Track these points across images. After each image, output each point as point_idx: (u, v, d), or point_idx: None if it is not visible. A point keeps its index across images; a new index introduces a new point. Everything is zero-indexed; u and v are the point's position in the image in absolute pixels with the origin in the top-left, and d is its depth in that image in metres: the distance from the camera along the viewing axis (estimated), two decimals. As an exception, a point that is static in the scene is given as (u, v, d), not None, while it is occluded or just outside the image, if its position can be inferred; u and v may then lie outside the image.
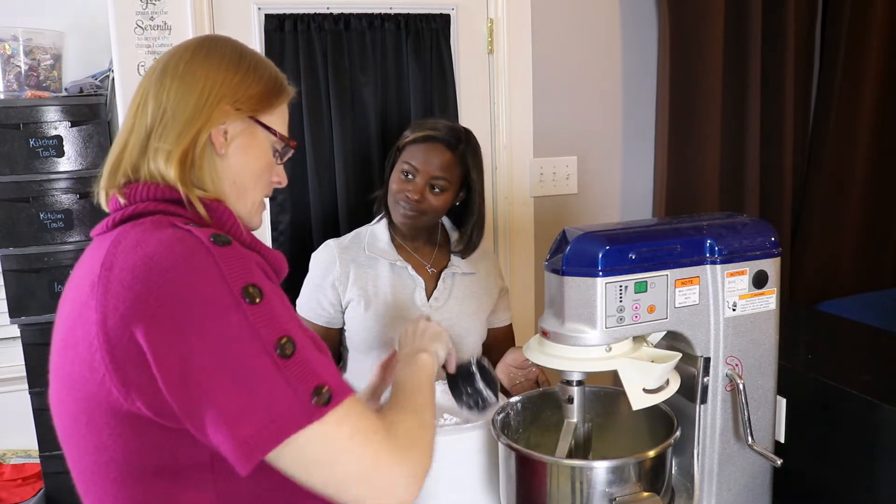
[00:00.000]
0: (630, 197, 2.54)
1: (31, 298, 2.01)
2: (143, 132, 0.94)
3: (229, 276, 0.79)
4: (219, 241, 0.82)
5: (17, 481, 2.11)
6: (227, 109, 0.95)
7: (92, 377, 0.81)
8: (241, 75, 0.97)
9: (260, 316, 0.79)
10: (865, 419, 1.16)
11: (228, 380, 0.76)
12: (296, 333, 0.81)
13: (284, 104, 1.04)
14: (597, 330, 1.08)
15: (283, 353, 0.78)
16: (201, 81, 0.94)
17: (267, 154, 1.01)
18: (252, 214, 1.02)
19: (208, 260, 0.80)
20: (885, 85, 2.74)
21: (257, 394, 0.76)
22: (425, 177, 1.62)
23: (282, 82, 1.04)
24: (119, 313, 0.79)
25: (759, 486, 1.22)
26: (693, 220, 1.19)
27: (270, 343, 0.78)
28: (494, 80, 2.29)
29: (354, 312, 1.66)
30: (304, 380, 0.78)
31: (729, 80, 2.48)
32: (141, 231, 0.85)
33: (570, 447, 1.15)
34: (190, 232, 0.83)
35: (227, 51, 0.99)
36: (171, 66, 0.96)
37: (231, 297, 0.78)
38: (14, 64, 1.95)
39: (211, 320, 0.77)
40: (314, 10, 2.03)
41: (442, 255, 1.75)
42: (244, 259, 0.83)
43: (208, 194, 0.93)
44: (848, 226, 2.79)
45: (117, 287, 0.80)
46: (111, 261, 0.83)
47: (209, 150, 0.94)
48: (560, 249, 1.11)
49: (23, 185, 1.95)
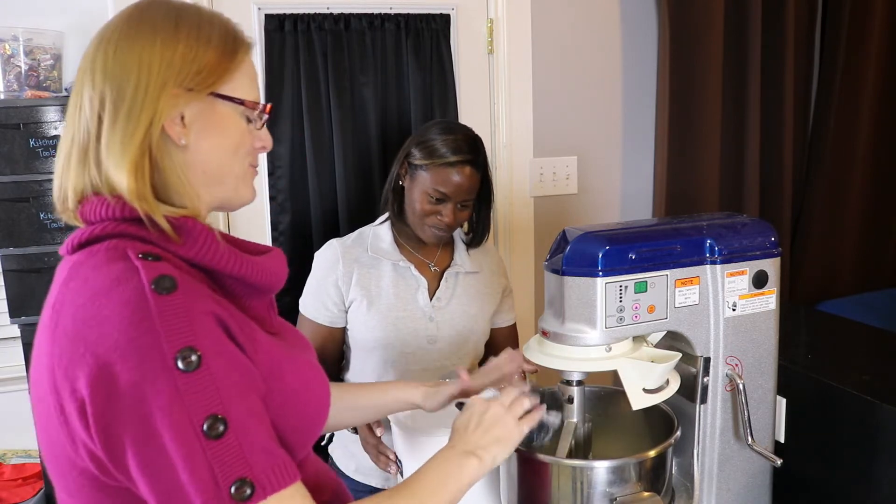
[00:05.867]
0: (630, 197, 2.54)
1: (31, 298, 2.01)
2: (83, 142, 0.81)
3: (165, 335, 0.70)
4: (161, 289, 0.72)
5: (17, 481, 2.11)
6: (177, 93, 0.80)
7: (50, 424, 0.76)
8: (183, 47, 0.81)
9: (193, 385, 0.70)
10: (865, 419, 1.16)
11: (154, 455, 0.69)
12: (237, 409, 0.72)
13: (244, 61, 0.87)
14: (597, 330, 1.08)
15: (211, 433, 0.69)
16: (135, 68, 0.79)
17: (237, 125, 0.87)
18: (237, 191, 0.89)
19: (144, 313, 0.70)
20: (885, 85, 2.74)
21: (178, 475, 0.69)
22: (457, 200, 1.62)
23: (234, 38, 0.87)
24: (63, 365, 0.72)
25: (759, 486, 1.22)
26: (693, 220, 1.19)
27: (198, 420, 0.69)
28: (494, 80, 2.29)
29: (357, 312, 1.66)
30: (228, 468, 0.70)
31: (729, 80, 2.48)
32: (92, 266, 0.76)
33: (570, 447, 1.14)
34: (136, 272, 0.73)
35: (157, 19, 0.82)
36: (99, 56, 0.81)
37: (161, 362, 0.69)
38: (14, 64, 1.95)
39: (140, 385, 0.69)
40: (314, 10, 2.04)
41: (445, 254, 1.75)
42: (187, 313, 0.72)
43: (175, 210, 0.80)
44: (848, 226, 2.79)
45: (61, 337, 0.73)
46: (61, 302, 0.76)
47: (167, 145, 0.81)
48: (560, 249, 1.11)
49: (23, 185, 1.95)
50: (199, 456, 0.69)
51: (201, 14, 0.86)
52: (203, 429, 0.69)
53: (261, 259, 0.88)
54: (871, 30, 2.65)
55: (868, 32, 2.64)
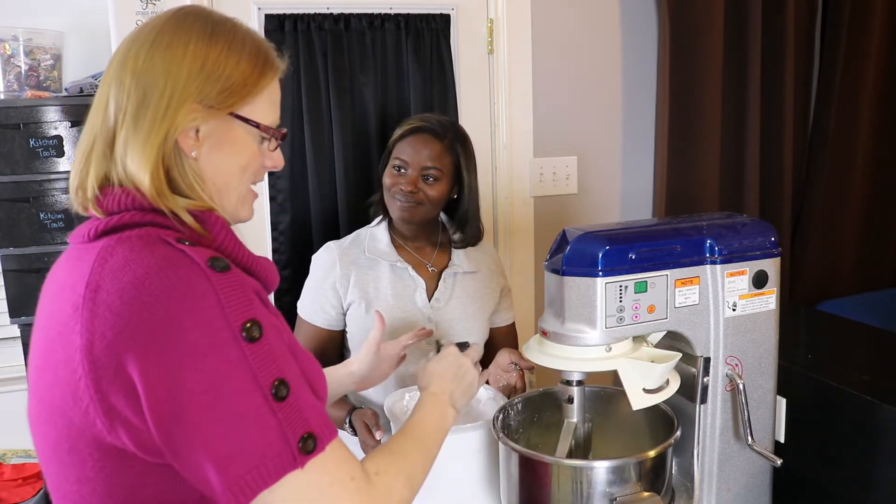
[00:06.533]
0: (630, 197, 2.54)
1: (31, 298, 2.00)
2: (107, 135, 0.85)
3: (229, 309, 0.74)
4: (217, 267, 0.76)
5: (17, 481, 2.11)
6: (196, 108, 0.83)
7: (75, 406, 0.76)
8: (211, 65, 0.84)
9: (258, 355, 0.75)
10: (865, 419, 1.16)
11: (220, 420, 0.73)
12: (291, 373, 0.78)
13: (270, 85, 0.91)
14: (597, 330, 1.08)
15: (278, 396, 0.75)
16: (162, 77, 0.83)
17: (249, 147, 0.90)
18: (238, 208, 0.93)
19: (206, 288, 0.74)
20: (884, 85, 2.74)
21: (249, 436, 0.73)
22: (417, 168, 1.63)
23: (265, 61, 0.90)
24: (107, 341, 0.73)
25: (759, 486, 1.22)
26: (693, 220, 1.19)
27: (267, 385, 0.74)
28: (494, 80, 2.29)
29: (356, 314, 1.66)
30: (294, 425, 0.75)
31: (729, 80, 2.48)
32: (129, 249, 0.78)
33: (570, 447, 1.15)
34: (184, 253, 0.76)
35: (193, 32, 0.85)
36: (130, 58, 0.85)
37: (230, 333, 0.73)
38: (14, 64, 1.95)
39: (208, 356, 0.73)
40: (314, 10, 2.04)
41: (443, 254, 1.75)
42: (244, 289, 0.77)
43: (195, 203, 0.84)
44: (848, 226, 2.79)
45: (105, 312, 0.74)
46: (97, 281, 0.76)
47: (179, 155, 0.84)
48: (560, 249, 1.11)
49: (23, 185, 1.95)
50: (269, 417, 0.74)
51: (236, 33, 0.88)
52: (271, 393, 0.74)
53: (260, 258, 0.92)
54: (871, 30, 2.64)
55: (868, 32, 2.64)
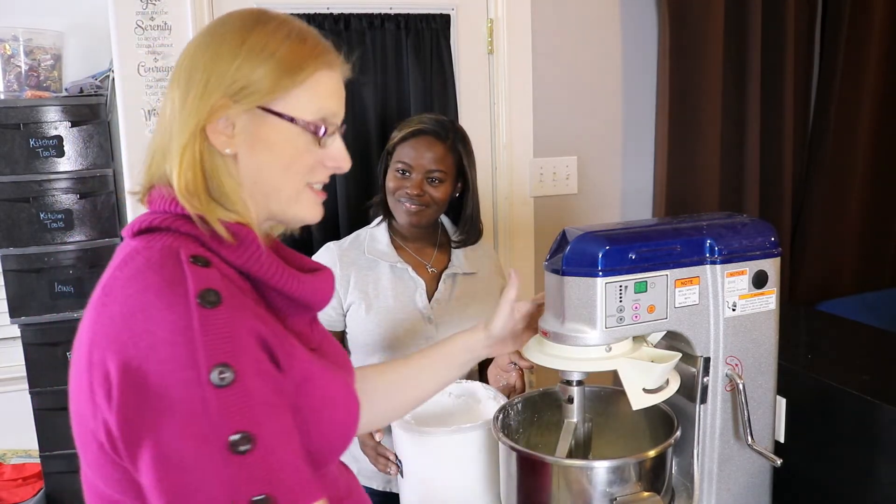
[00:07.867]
0: (630, 197, 2.54)
1: (31, 298, 2.01)
2: (162, 133, 0.86)
3: (203, 348, 0.72)
4: (206, 302, 0.73)
5: (17, 481, 2.11)
6: (225, 102, 0.82)
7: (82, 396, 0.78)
8: (241, 61, 0.83)
9: (223, 402, 0.71)
10: (865, 419, 1.16)
11: (170, 461, 0.70)
12: (268, 428, 0.73)
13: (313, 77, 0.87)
14: (597, 330, 1.07)
15: (236, 449, 0.70)
16: (199, 73, 0.83)
17: (291, 144, 0.86)
18: (290, 207, 0.89)
19: (187, 322, 0.72)
20: (884, 85, 2.74)
21: (192, 485, 0.70)
22: (421, 171, 1.63)
23: (307, 54, 0.87)
24: (102, 346, 0.75)
25: (759, 486, 1.22)
26: (693, 220, 1.19)
27: (223, 435, 0.70)
28: (494, 80, 2.29)
29: (356, 315, 1.66)
30: (249, 484, 0.70)
31: (729, 80, 2.48)
32: (145, 259, 0.78)
33: (570, 447, 1.14)
34: (184, 280, 0.75)
35: (234, 29, 0.85)
36: (186, 54, 0.86)
37: (195, 372, 0.71)
38: (14, 64, 1.95)
39: (171, 390, 0.71)
40: (314, 10, 2.04)
41: (442, 255, 1.75)
42: (230, 329, 0.74)
43: (229, 215, 0.82)
44: (848, 226, 2.79)
45: (108, 318, 0.76)
46: (112, 285, 0.78)
47: (211, 152, 0.83)
48: (560, 249, 1.11)
49: (23, 185, 1.95)
50: (219, 470, 0.70)
51: (279, 28, 0.87)
52: (228, 443, 0.70)
53: (308, 277, 0.89)
54: (871, 30, 2.64)
55: (868, 32, 2.64)
